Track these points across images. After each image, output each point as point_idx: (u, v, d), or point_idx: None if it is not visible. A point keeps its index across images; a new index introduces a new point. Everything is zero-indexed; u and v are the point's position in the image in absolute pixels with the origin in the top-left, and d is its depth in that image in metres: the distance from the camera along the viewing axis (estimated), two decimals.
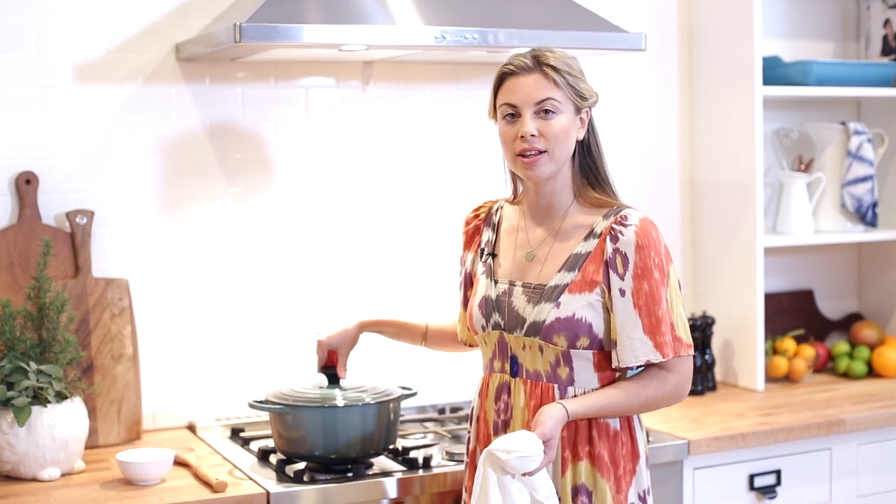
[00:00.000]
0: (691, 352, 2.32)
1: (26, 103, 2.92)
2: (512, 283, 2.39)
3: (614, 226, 2.28)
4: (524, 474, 2.17)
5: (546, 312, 2.30)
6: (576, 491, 2.30)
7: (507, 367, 2.39)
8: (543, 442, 2.19)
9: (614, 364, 2.29)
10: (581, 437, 2.30)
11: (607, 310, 2.29)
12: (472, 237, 2.56)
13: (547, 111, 2.28)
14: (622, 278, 2.26)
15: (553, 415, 2.23)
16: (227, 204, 3.13)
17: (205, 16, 3.05)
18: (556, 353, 2.30)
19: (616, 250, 2.27)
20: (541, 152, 2.29)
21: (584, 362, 2.30)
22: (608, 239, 2.28)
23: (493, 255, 2.47)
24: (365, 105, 3.26)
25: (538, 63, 2.29)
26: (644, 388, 2.29)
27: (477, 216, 2.58)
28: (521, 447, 2.16)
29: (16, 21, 2.89)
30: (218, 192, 3.12)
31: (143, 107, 3.03)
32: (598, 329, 2.29)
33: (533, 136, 2.28)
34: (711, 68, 3.60)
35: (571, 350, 2.29)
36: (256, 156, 3.16)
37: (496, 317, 2.39)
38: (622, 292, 2.26)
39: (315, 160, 3.22)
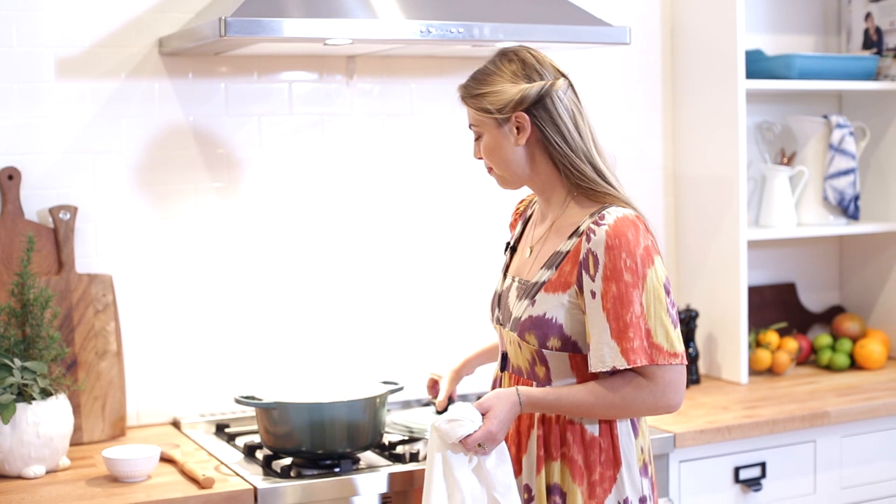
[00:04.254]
0: (676, 361, 2.20)
1: (8, 98, 2.90)
2: (513, 279, 2.39)
3: (591, 225, 2.21)
4: (480, 452, 2.23)
5: (523, 309, 2.29)
6: (549, 490, 2.29)
7: (499, 361, 2.41)
8: (482, 414, 2.21)
9: (589, 368, 2.23)
10: (554, 437, 2.28)
11: (582, 311, 2.23)
12: (512, 231, 2.59)
13: (476, 135, 2.35)
14: (593, 279, 2.18)
15: (499, 392, 2.25)
16: (210, 199, 3.12)
17: (188, 10, 3.03)
18: (531, 352, 2.29)
19: (589, 250, 2.19)
20: (492, 170, 2.36)
21: (559, 363, 2.27)
22: (584, 238, 2.21)
23: (514, 249, 2.47)
24: (349, 99, 3.25)
25: (459, 92, 2.35)
26: (614, 391, 2.20)
27: (517, 210, 2.60)
28: (454, 413, 2.21)
29: None
30: (201, 187, 3.10)
31: (126, 102, 3.01)
32: (570, 330, 2.24)
33: (479, 158, 2.36)
34: (694, 62, 3.60)
35: (543, 350, 2.26)
36: (240, 151, 3.14)
37: (497, 312, 2.41)
38: (593, 294, 2.19)
39: (298, 155, 3.21)
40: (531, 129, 2.26)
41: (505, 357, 2.40)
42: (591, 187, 2.27)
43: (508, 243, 2.52)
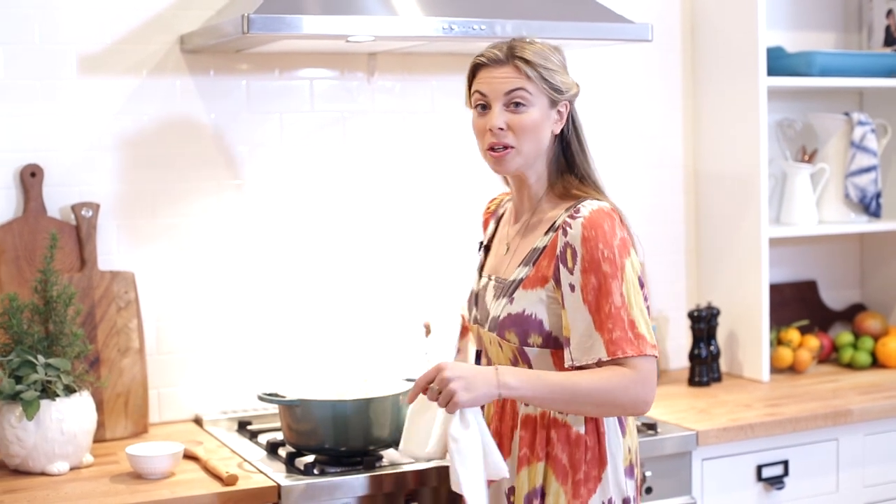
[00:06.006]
0: (656, 353, 2.17)
1: (31, 95, 2.90)
2: (490, 278, 2.37)
3: (566, 218, 2.20)
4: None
5: (501, 308, 2.27)
6: (530, 494, 2.25)
7: (475, 361, 2.43)
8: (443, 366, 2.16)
9: (567, 362, 2.19)
10: (539, 437, 2.25)
11: (560, 306, 2.20)
12: (484, 230, 2.56)
13: (517, 104, 2.23)
14: (571, 272, 2.17)
15: (477, 365, 2.32)
16: (231, 196, 3.12)
17: (209, 7, 3.03)
18: (512, 350, 2.26)
19: (566, 244, 2.18)
20: (509, 147, 2.25)
21: (541, 360, 2.24)
22: (560, 233, 2.20)
23: (487, 248, 2.46)
24: (370, 97, 3.25)
25: (511, 55, 2.23)
26: (594, 373, 2.14)
27: (488, 209, 2.58)
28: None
29: (20, 13, 2.88)
30: (223, 184, 3.10)
31: (147, 99, 3.01)
32: (550, 326, 2.21)
33: (501, 129, 2.23)
34: (715, 59, 3.59)
35: (525, 347, 2.24)
36: (261, 148, 3.14)
37: (475, 312, 2.40)
38: (572, 287, 2.17)
39: (320, 152, 3.20)
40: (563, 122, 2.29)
41: (478, 357, 2.40)
42: (577, 184, 2.29)
43: (482, 242, 2.50)
